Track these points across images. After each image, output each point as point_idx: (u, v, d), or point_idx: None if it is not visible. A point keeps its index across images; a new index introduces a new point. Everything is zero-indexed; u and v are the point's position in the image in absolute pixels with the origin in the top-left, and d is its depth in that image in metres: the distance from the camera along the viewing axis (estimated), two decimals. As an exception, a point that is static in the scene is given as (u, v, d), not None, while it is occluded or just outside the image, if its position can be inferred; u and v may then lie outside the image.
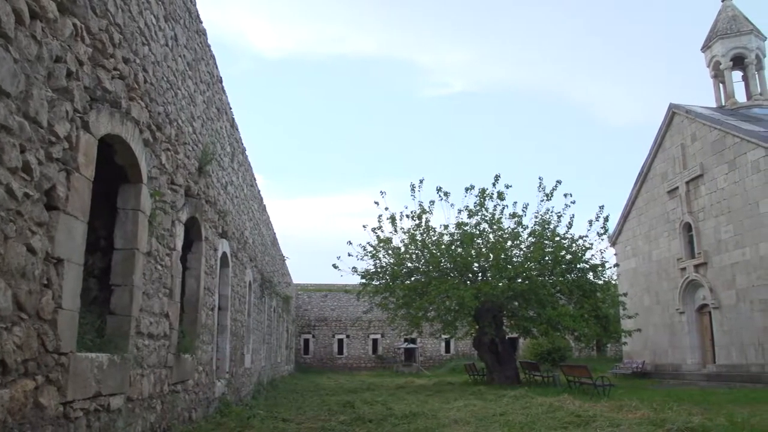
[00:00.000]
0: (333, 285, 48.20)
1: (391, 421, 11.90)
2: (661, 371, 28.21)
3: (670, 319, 27.91)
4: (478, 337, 25.49)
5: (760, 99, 28.57)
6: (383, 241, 25.37)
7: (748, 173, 23.11)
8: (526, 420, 11.68)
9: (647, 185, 30.04)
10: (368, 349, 47.95)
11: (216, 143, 11.12)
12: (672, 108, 28.03)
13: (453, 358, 46.82)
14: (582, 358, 40.81)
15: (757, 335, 22.55)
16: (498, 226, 24.59)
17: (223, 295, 12.84)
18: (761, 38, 29.44)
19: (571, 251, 24.43)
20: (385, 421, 11.89)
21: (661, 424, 10.45)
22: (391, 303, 25.85)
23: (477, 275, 24.46)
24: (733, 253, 23.83)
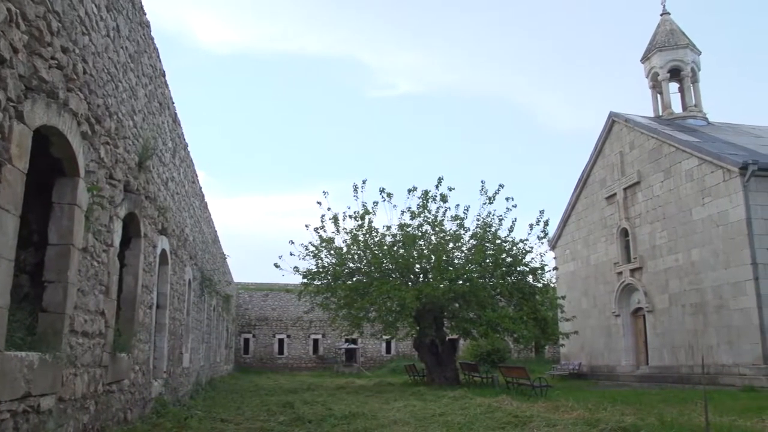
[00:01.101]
0: (274, 284, 47.82)
1: (330, 421, 11.85)
2: (596, 372, 28.84)
3: (606, 322, 28.56)
4: (418, 338, 25.60)
5: (694, 110, 29.46)
6: (325, 241, 25.27)
7: (683, 181, 23.82)
8: (464, 420, 11.77)
9: (587, 191, 30.69)
10: (309, 350, 47.73)
11: (157, 138, 10.90)
12: (612, 116, 28.70)
13: (394, 358, 46.93)
14: (521, 360, 41.43)
15: (687, 338, 23.27)
16: (440, 228, 24.76)
17: (161, 293, 12.60)
18: (696, 52, 30.37)
19: (512, 254, 24.75)
20: (324, 421, 11.83)
21: (595, 424, 10.66)
22: (333, 303, 25.77)
23: (418, 276, 24.56)
24: (667, 258, 24.53)
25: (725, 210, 21.70)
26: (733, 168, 21.37)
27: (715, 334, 21.97)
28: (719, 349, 21.76)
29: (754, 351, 20.27)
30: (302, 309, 38.25)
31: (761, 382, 19.56)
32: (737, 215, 21.17)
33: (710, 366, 21.63)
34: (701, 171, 22.94)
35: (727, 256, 21.58)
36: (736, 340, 21.05)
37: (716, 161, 22.17)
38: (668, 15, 31.12)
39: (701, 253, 22.76)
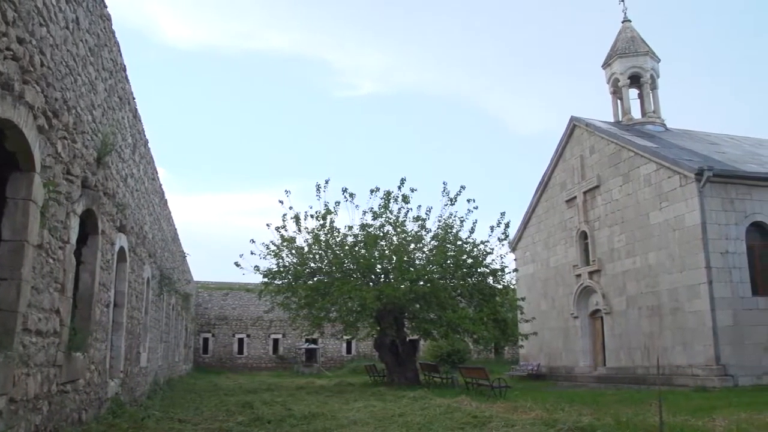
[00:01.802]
0: (234, 283, 47.41)
1: (290, 421, 11.79)
2: (555, 373, 29.16)
3: (564, 324, 28.90)
4: (379, 338, 25.63)
5: (653, 117, 29.97)
6: (287, 240, 25.16)
7: (641, 186, 24.22)
8: (424, 421, 11.81)
9: (547, 194, 31.02)
10: (269, 349, 47.44)
11: (117, 134, 10.72)
12: (573, 120, 29.05)
13: (354, 359, 46.90)
14: (480, 360, 41.72)
15: (643, 340, 23.66)
16: (402, 228, 24.82)
17: (119, 292, 12.40)
18: (656, 60, 30.91)
19: (473, 255, 24.93)
20: (284, 421, 11.77)
21: (552, 424, 10.78)
22: (293, 303, 25.66)
23: (380, 277, 24.59)
24: (625, 261, 24.92)
25: (681, 215, 22.13)
26: (689, 174, 21.78)
27: (670, 336, 22.38)
28: (674, 350, 22.17)
29: (707, 352, 20.70)
30: (262, 308, 38.05)
31: (713, 383, 19.99)
32: (693, 220, 21.60)
33: (665, 367, 22.03)
34: (659, 176, 23.35)
35: (682, 259, 22.00)
36: (690, 342, 21.47)
37: (673, 167, 22.59)
38: (629, 22, 31.62)
39: (658, 257, 23.17)
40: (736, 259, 21.43)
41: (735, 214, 21.83)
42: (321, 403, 15.99)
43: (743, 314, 21.05)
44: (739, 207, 21.94)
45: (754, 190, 22.33)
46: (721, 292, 20.92)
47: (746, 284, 21.37)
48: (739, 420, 11.20)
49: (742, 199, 22.06)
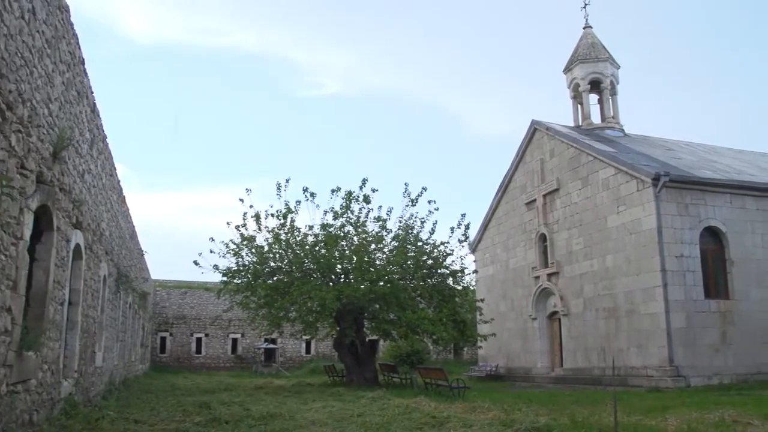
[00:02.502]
0: (193, 282, 46.81)
1: (248, 422, 11.70)
2: (513, 374, 29.42)
3: (523, 325, 29.19)
4: (338, 338, 25.57)
5: (612, 122, 30.44)
6: (247, 239, 24.96)
7: (599, 190, 24.59)
8: (382, 421, 11.81)
9: (507, 196, 31.30)
10: (227, 349, 47.02)
11: (74, 128, 10.50)
12: (534, 124, 29.36)
13: (313, 359, 46.76)
14: (439, 361, 41.85)
15: (600, 341, 24.03)
16: (362, 229, 24.79)
17: (74, 290, 12.15)
18: (615, 66, 31.39)
19: (433, 257, 25.02)
20: (242, 422, 11.68)
21: (510, 424, 10.87)
22: (253, 302, 25.45)
23: (340, 277, 24.53)
24: (583, 263, 25.27)
25: (638, 219, 22.52)
26: (646, 179, 22.19)
27: (626, 338, 22.76)
28: (629, 351, 22.55)
29: (661, 354, 21.11)
30: (221, 308, 37.65)
31: (666, 383, 20.39)
32: (649, 224, 22.00)
33: (620, 368, 22.38)
34: (617, 180, 23.73)
35: (638, 262, 22.40)
36: (645, 344, 21.87)
37: (631, 171, 22.98)
38: (590, 29, 32.06)
39: (615, 260, 23.55)
40: (689, 263, 21.90)
41: (689, 218, 22.31)
42: (279, 404, 15.89)
43: (696, 317, 21.54)
44: (693, 212, 22.43)
45: (707, 195, 22.86)
46: (675, 295, 21.36)
47: (699, 287, 21.87)
48: (691, 419, 11.43)
49: (697, 204, 22.55)
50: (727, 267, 22.85)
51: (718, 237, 23.01)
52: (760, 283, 23.04)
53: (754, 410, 12.42)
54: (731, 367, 21.65)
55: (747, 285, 22.82)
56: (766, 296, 22.99)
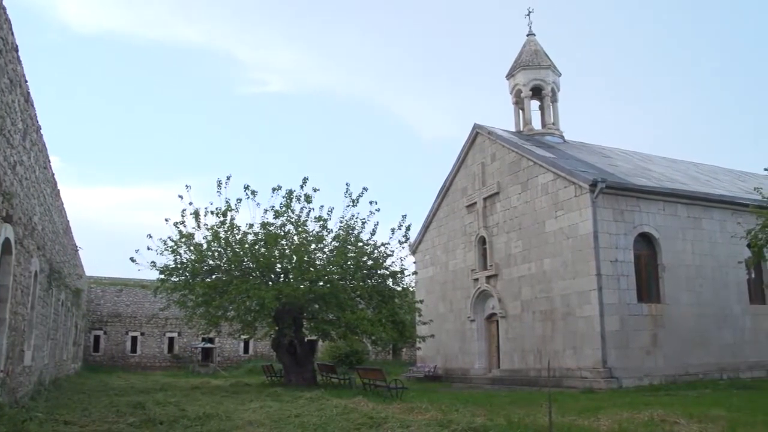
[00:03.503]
0: (129, 279, 45.64)
1: (183, 422, 11.53)
2: (451, 375, 29.67)
3: (461, 326, 29.48)
4: (277, 338, 25.39)
5: (552, 128, 30.98)
6: (185, 236, 24.57)
7: (538, 195, 25.02)
8: (320, 421, 11.79)
9: (448, 199, 31.56)
10: (164, 348, 46.15)
11: (5, 118, 10.15)
12: (476, 128, 29.67)
13: (251, 358, 46.31)
14: (378, 362, 41.93)
15: (536, 343, 24.44)
16: (303, 228, 24.66)
17: (3, 286, 11.73)
18: (557, 74, 31.96)
19: (373, 257, 25.06)
20: (177, 422, 11.49)
21: (447, 424, 10.96)
22: (190, 301, 25.05)
23: (279, 276, 24.34)
24: (521, 266, 25.67)
25: (575, 223, 23.00)
26: (584, 185, 22.67)
27: (562, 340, 23.21)
28: (565, 353, 23.01)
29: (595, 356, 21.60)
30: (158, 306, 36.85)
31: (599, 384, 20.87)
32: (585, 229, 22.49)
33: (556, 369, 22.82)
34: (555, 186, 24.18)
35: (575, 266, 22.87)
36: (580, 346, 22.34)
37: (569, 177, 23.45)
38: (533, 36, 32.56)
39: (552, 263, 24.00)
40: (624, 268, 22.49)
41: (624, 224, 22.91)
42: (216, 404, 15.70)
43: (629, 320, 22.13)
44: (628, 218, 23.04)
45: (642, 202, 23.52)
46: (609, 299, 21.89)
47: (632, 291, 22.49)
48: (621, 419, 11.75)
49: (632, 210, 23.18)
50: (659, 272, 23.57)
51: (651, 243, 23.71)
52: (689, 288, 23.87)
53: (681, 410, 12.83)
54: (661, 369, 22.34)
55: (677, 289, 23.59)
56: (695, 300, 23.84)
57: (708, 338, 23.82)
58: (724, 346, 24.10)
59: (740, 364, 24.14)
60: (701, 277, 24.30)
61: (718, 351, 23.87)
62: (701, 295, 24.09)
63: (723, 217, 25.25)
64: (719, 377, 23.00)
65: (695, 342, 23.45)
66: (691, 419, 11.49)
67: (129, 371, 40.31)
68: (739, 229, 23.04)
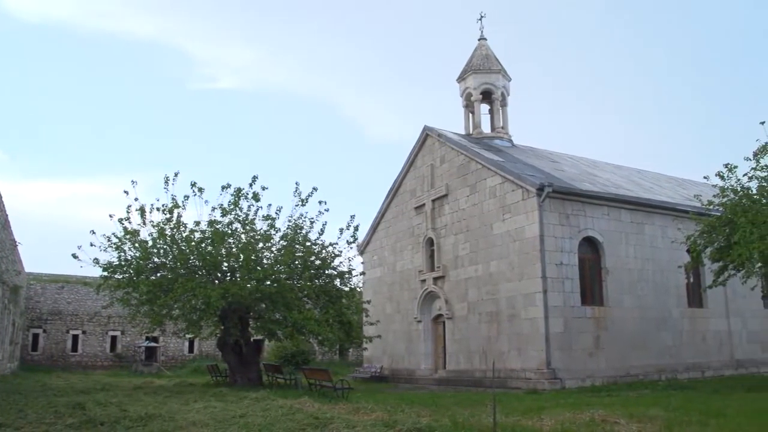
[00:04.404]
0: (71, 276, 44.63)
1: (124, 423, 11.33)
2: (397, 375, 29.77)
3: (408, 327, 29.60)
4: (222, 337, 25.11)
5: (501, 132, 31.31)
6: (130, 233, 24.09)
7: (486, 197, 25.28)
8: (265, 422, 11.72)
9: (397, 200, 31.68)
10: (106, 347, 45.16)
11: (-58, 107, 9.78)
12: (426, 130, 29.83)
13: (196, 358, 45.77)
14: (325, 362, 41.90)
15: (482, 344, 24.69)
16: (251, 226, 24.44)
17: (-65, 281, 11.35)
18: (507, 78, 32.32)
19: (321, 257, 24.98)
20: (118, 423, 11.29)
21: (392, 425, 11.00)
22: (134, 299, 24.56)
23: (226, 275, 24.07)
24: (468, 268, 25.90)
25: (522, 227, 23.31)
26: (531, 188, 23.00)
27: (507, 341, 23.50)
28: (510, 355, 23.29)
29: (539, 357, 21.93)
30: (101, 304, 36.12)
31: (543, 386, 21.19)
32: (532, 232, 22.82)
33: (501, 370, 23.05)
34: (503, 189, 24.47)
35: (521, 269, 23.18)
36: (524, 347, 22.65)
37: (517, 181, 23.75)
38: (485, 41, 32.87)
39: (499, 266, 24.27)
40: (568, 271, 22.90)
41: (570, 228, 23.33)
42: (159, 404, 15.47)
43: (572, 322, 22.55)
44: (573, 222, 23.47)
45: (587, 207, 23.99)
46: (554, 301, 22.26)
47: (576, 294, 22.92)
48: (564, 419, 11.94)
49: (577, 215, 23.62)
50: (603, 275, 24.08)
51: (596, 246, 24.20)
52: (631, 291, 24.45)
53: (621, 410, 13.11)
54: (603, 370, 22.82)
55: (620, 292, 24.13)
56: (637, 303, 24.45)
57: (648, 340, 24.45)
58: (663, 348, 24.78)
59: (678, 365, 24.87)
60: (643, 281, 24.92)
61: (657, 353, 24.53)
62: (642, 298, 24.72)
63: (664, 222, 25.95)
64: (658, 378, 23.61)
65: (636, 344, 24.03)
66: (631, 419, 11.76)
67: (69, 371, 39.37)
68: (679, 234, 23.67)
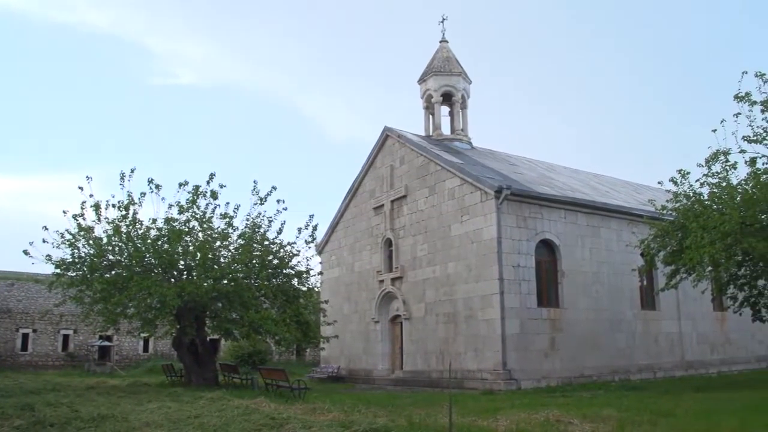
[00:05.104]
0: (22, 273, 43.52)
1: (76, 424, 11.14)
2: (354, 376, 29.77)
3: (366, 328, 29.61)
4: (178, 337, 24.84)
5: (461, 134, 31.48)
6: (84, 229, 23.65)
7: (445, 199, 25.42)
8: (220, 422, 11.65)
9: (356, 200, 31.67)
10: (58, 346, 44.34)
11: None
12: (386, 131, 29.86)
13: (151, 357, 45.30)
14: (282, 362, 41.71)
15: (439, 345, 24.82)
16: (208, 225, 24.22)
17: None
18: (467, 81, 32.51)
19: (279, 256, 24.85)
20: (69, 424, 11.10)
21: (349, 425, 11.02)
22: (88, 297, 24.11)
23: (182, 273, 23.81)
24: (426, 269, 26.01)
25: (480, 228, 23.49)
26: (489, 191, 23.18)
27: (464, 342, 23.65)
28: (466, 355, 23.45)
29: (495, 358, 22.12)
30: (53, 301, 35.39)
31: (499, 386, 21.39)
32: (490, 234, 23.01)
33: (457, 371, 23.23)
34: (462, 191, 24.63)
35: (478, 270, 23.36)
36: (481, 348, 22.82)
37: (475, 183, 23.92)
38: (446, 43, 32.99)
39: (456, 267, 24.42)
40: (525, 273, 23.15)
41: (527, 231, 23.59)
42: (112, 405, 15.23)
43: (529, 323, 22.80)
44: (531, 225, 23.74)
45: (544, 210, 24.29)
46: (510, 303, 22.48)
47: (533, 296, 23.18)
48: (519, 420, 12.08)
49: (534, 217, 23.89)
50: (559, 278, 24.40)
51: (552, 249, 24.52)
52: (586, 293, 24.84)
53: (575, 410, 13.32)
54: (558, 371, 23.13)
55: (575, 295, 24.49)
56: (591, 305, 24.83)
57: (602, 342, 24.86)
58: (617, 349, 25.22)
59: (631, 366, 25.34)
60: (598, 283, 25.33)
61: (611, 354, 24.95)
62: (597, 300, 25.12)
63: (620, 226, 26.41)
64: (612, 379, 24.01)
65: (590, 345, 24.42)
66: (585, 419, 11.94)
67: (18, 371, 38.51)
68: (633, 238, 24.16)
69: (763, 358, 31.09)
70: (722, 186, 19.14)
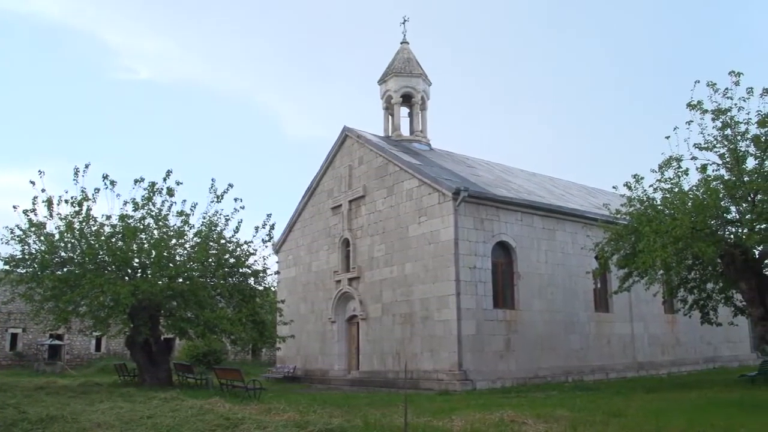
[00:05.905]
0: (-31, 270, 42.58)
1: (23, 426, 10.90)
2: (310, 376, 29.68)
3: (322, 328, 29.55)
4: (131, 335, 24.44)
5: (420, 135, 31.62)
6: (35, 225, 23.14)
7: (403, 200, 25.51)
8: (173, 423, 11.51)
9: (314, 199, 31.58)
10: (6, 345, 43.29)
11: None
12: (345, 131, 29.84)
13: (104, 357, 44.52)
14: (237, 362, 41.39)
15: (395, 345, 24.89)
16: (164, 222, 23.89)
17: None
18: (428, 83, 32.65)
19: (235, 255, 24.63)
20: (15, 426, 10.85)
21: (304, 425, 10.98)
22: (38, 294, 23.58)
23: (136, 271, 23.44)
24: (383, 270, 26.06)
25: (437, 230, 23.62)
26: (447, 192, 23.33)
27: (420, 343, 23.76)
28: (422, 356, 23.56)
29: (451, 359, 22.27)
30: (1, 299, 34.57)
31: (455, 387, 21.54)
32: (447, 235, 23.16)
33: (413, 372, 23.31)
34: (420, 192, 24.75)
35: (435, 271, 23.48)
36: (437, 349, 22.95)
37: (433, 184, 24.05)
38: (407, 44, 33.08)
39: (413, 268, 24.52)
40: (482, 274, 23.36)
41: (484, 233, 23.80)
42: (62, 405, 14.91)
43: (484, 324, 23.01)
44: (488, 227, 23.96)
45: (501, 212, 24.55)
46: (467, 304, 22.66)
47: (489, 297, 23.41)
48: (474, 420, 12.16)
49: (491, 219, 24.12)
50: (515, 279, 24.69)
51: (509, 251, 24.79)
52: (541, 295, 25.17)
53: (529, 411, 13.47)
54: (513, 372, 23.40)
55: (530, 296, 24.80)
56: (546, 307, 25.18)
57: (557, 343, 25.22)
58: (571, 350, 25.62)
59: (585, 367, 25.76)
60: (553, 286, 25.69)
61: (565, 355, 25.34)
62: (552, 302, 25.48)
63: (575, 229, 26.82)
64: (566, 380, 24.39)
65: (545, 346, 24.75)
66: (538, 419, 12.09)
67: (-37, 371, 37.54)
68: (588, 241, 24.58)
69: (710, 360, 31.97)
70: (674, 192, 19.54)
